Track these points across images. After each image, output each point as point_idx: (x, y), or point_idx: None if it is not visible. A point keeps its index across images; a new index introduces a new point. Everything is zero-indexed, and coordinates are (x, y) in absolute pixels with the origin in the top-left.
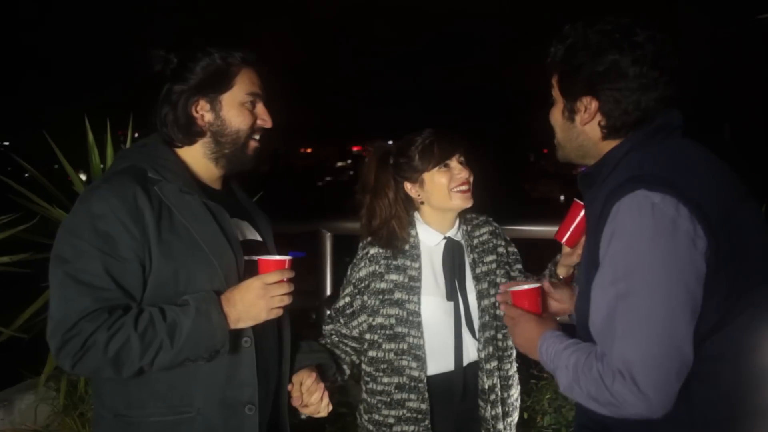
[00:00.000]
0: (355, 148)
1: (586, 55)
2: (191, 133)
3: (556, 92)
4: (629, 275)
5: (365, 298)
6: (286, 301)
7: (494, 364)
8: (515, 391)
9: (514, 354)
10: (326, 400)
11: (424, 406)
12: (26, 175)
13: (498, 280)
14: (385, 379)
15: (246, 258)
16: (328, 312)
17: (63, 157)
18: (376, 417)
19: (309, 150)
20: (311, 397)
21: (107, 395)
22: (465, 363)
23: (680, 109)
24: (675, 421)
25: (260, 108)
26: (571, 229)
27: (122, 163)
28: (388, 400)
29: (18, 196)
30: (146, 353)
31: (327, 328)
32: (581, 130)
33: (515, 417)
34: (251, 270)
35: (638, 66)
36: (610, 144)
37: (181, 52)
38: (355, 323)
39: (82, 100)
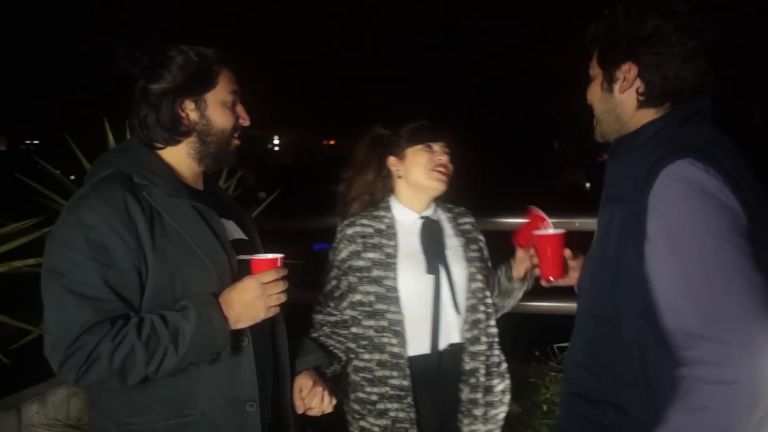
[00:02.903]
0: None
1: (627, 24)
2: (178, 133)
3: (595, 67)
4: (699, 238)
5: (350, 278)
6: (283, 299)
7: (480, 348)
8: (501, 383)
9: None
10: (327, 398)
11: (406, 383)
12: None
13: (480, 271)
14: (366, 356)
15: (238, 258)
16: (318, 299)
17: (84, 159)
18: (360, 395)
19: (332, 142)
20: (312, 401)
21: (108, 404)
22: (445, 344)
23: (715, 92)
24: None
25: (240, 107)
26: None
27: (105, 169)
28: (371, 377)
29: (43, 197)
30: (151, 361)
31: (317, 317)
32: (619, 99)
33: (500, 411)
34: (244, 270)
35: (679, 33)
36: (645, 115)
37: (152, 50)
38: (344, 305)
39: (106, 99)
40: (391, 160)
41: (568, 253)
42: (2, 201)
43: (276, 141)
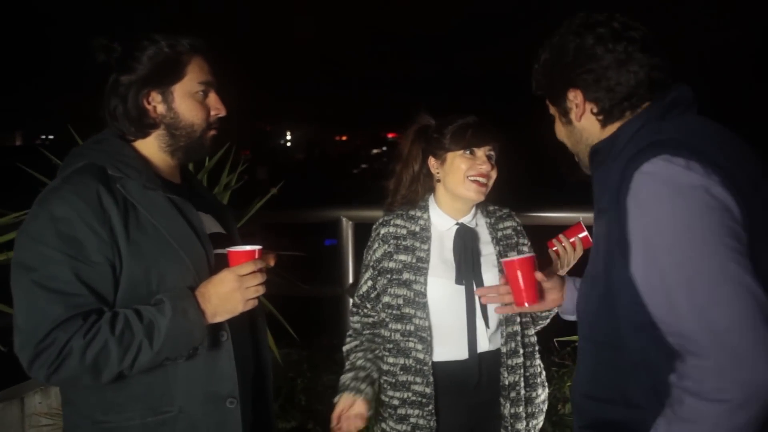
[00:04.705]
0: (390, 135)
1: (553, 57)
2: (144, 125)
3: (551, 107)
4: (677, 243)
5: (383, 279)
6: (261, 291)
7: (518, 360)
8: (542, 392)
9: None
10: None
11: (428, 390)
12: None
13: None
14: (391, 360)
15: (216, 252)
16: (353, 301)
17: None
18: (382, 397)
19: (344, 138)
20: (351, 426)
21: (82, 402)
22: (475, 353)
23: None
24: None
25: (212, 97)
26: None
27: (78, 161)
28: (393, 381)
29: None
30: (125, 357)
31: (354, 320)
32: (581, 127)
33: (540, 420)
34: (221, 263)
35: (602, 43)
36: (613, 129)
37: (126, 41)
38: (380, 306)
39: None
40: (431, 161)
41: (539, 276)
42: (8, 193)
43: (288, 136)
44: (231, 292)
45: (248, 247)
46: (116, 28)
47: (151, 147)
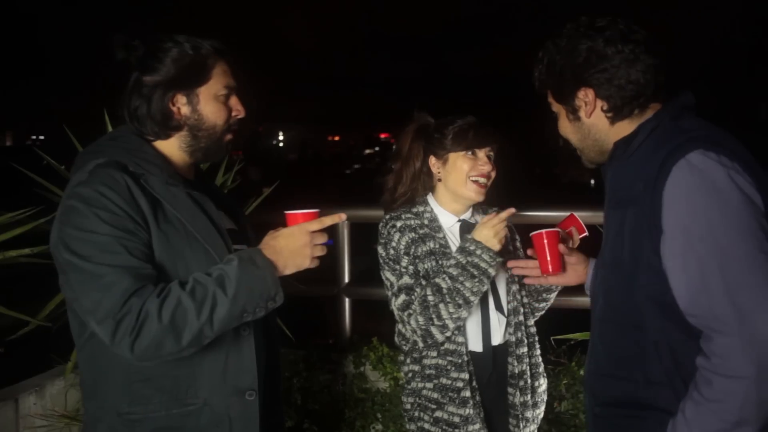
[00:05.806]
0: (382, 135)
1: (562, 58)
2: (168, 127)
3: (555, 105)
4: (713, 233)
5: (424, 264)
6: (324, 251)
7: (524, 350)
8: (544, 382)
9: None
10: None
11: (471, 368)
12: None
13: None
14: (460, 339)
15: (235, 247)
16: (402, 284)
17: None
18: (444, 381)
19: (337, 138)
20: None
21: (109, 394)
22: (490, 345)
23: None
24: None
25: (234, 99)
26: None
27: (97, 158)
28: (459, 361)
29: (43, 189)
30: (202, 310)
31: (418, 291)
32: (590, 123)
33: (542, 410)
34: None
35: (612, 45)
36: (621, 128)
37: (148, 40)
38: None
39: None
40: (432, 161)
41: (563, 248)
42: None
43: (281, 137)
44: (302, 247)
45: (305, 210)
46: (131, 26)
47: (171, 146)
